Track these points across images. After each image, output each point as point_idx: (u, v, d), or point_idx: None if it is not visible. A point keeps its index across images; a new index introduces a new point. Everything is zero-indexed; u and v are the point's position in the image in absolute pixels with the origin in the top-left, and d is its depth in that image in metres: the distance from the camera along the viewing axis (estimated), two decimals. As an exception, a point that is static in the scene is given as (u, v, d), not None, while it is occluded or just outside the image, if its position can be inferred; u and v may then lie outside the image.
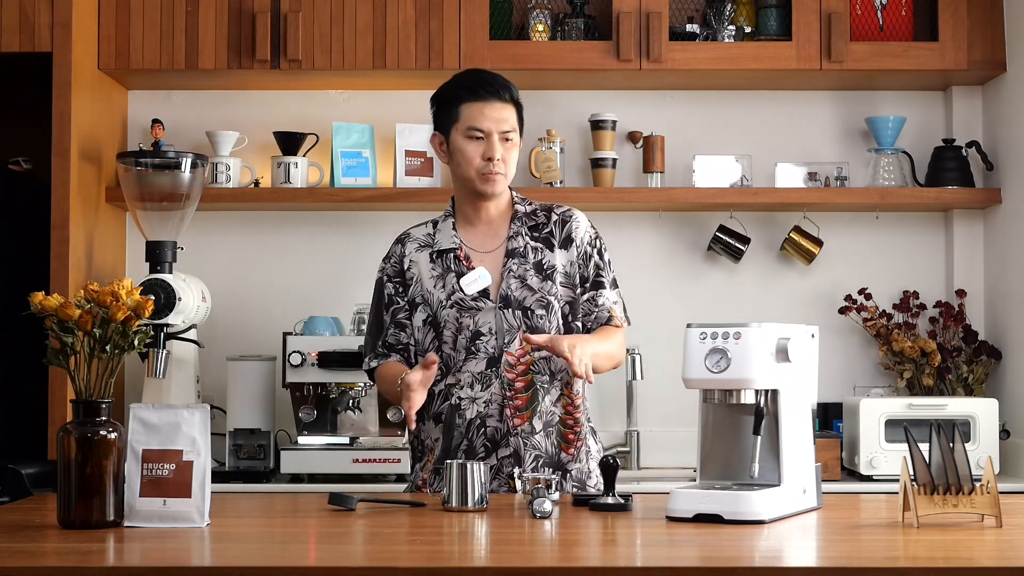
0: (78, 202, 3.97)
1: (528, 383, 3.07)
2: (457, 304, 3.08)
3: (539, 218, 3.18)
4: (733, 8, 4.27)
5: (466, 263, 3.11)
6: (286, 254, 4.41)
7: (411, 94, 4.35)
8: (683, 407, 3.50)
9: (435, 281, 3.12)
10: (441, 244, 3.14)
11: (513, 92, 3.13)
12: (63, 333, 2.47)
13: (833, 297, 4.37)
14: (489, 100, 3.09)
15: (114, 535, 2.39)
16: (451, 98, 3.13)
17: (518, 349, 3.07)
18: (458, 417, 3.06)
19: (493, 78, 3.14)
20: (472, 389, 3.07)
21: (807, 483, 2.66)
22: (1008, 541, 2.33)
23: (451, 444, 3.06)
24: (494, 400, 3.06)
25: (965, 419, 3.95)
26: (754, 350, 2.54)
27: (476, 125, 3.08)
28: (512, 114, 3.12)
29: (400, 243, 3.20)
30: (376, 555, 2.26)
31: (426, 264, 3.14)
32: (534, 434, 3.06)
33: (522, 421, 3.06)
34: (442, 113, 3.15)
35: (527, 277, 3.11)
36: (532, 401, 3.07)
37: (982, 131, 4.35)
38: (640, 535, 2.46)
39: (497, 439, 3.05)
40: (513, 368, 3.07)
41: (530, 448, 3.06)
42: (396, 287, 3.16)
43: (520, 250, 3.13)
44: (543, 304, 3.09)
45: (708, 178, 4.29)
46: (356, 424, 4.07)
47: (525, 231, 3.15)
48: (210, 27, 4.13)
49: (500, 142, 3.09)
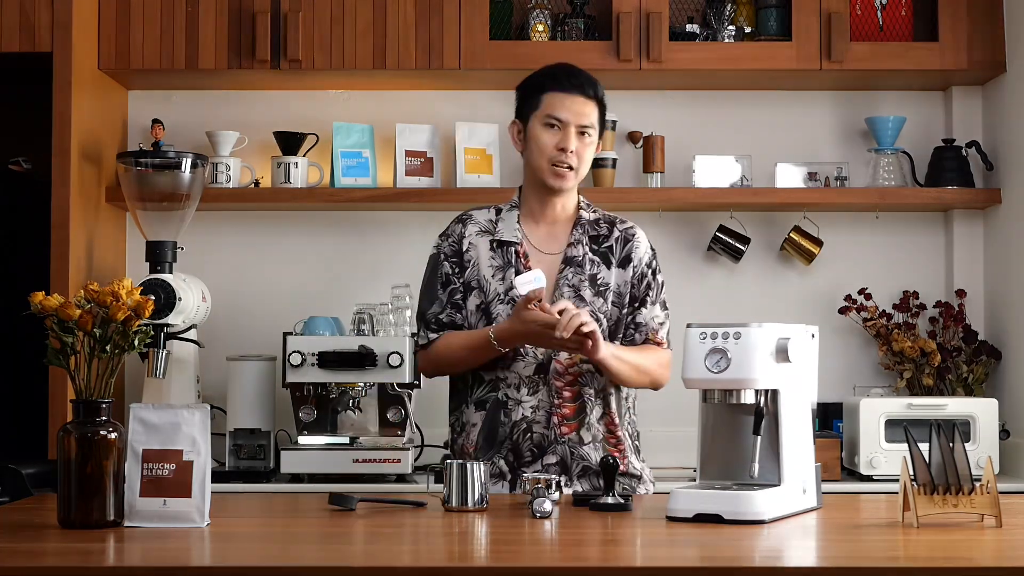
0: (78, 202, 3.97)
1: (576, 393, 3.05)
2: (513, 301, 3.04)
3: (601, 229, 3.14)
4: (733, 8, 4.27)
5: (524, 261, 3.08)
6: (286, 254, 4.41)
7: (411, 94, 4.35)
8: (683, 407, 3.50)
9: (494, 271, 3.08)
10: (503, 234, 3.10)
11: (599, 90, 3.10)
12: (63, 333, 2.47)
13: (833, 297, 4.37)
14: (572, 92, 3.06)
15: (114, 535, 2.39)
16: (535, 85, 3.10)
17: (567, 358, 3.04)
18: (504, 415, 3.04)
19: (580, 72, 3.11)
20: (519, 392, 3.04)
21: (807, 483, 2.66)
22: (1008, 541, 2.33)
23: (495, 440, 2.99)
24: (542, 407, 3.03)
25: (965, 419, 3.95)
26: (754, 350, 2.54)
27: (555, 114, 3.05)
28: (594, 111, 3.08)
29: (461, 223, 3.15)
30: (376, 555, 2.26)
31: (486, 250, 3.10)
32: (582, 445, 3.04)
33: (570, 430, 3.04)
34: (524, 101, 3.12)
35: (581, 288, 3.08)
36: (580, 412, 3.04)
37: (982, 131, 4.35)
38: (640, 535, 2.46)
39: (544, 446, 3.03)
40: (561, 376, 3.04)
41: (577, 458, 3.03)
42: (453, 267, 3.11)
43: (578, 259, 3.10)
44: (594, 319, 3.02)
45: (708, 178, 4.29)
46: (356, 424, 4.07)
47: (586, 240, 3.12)
48: (210, 27, 4.13)
49: (576, 135, 3.05)
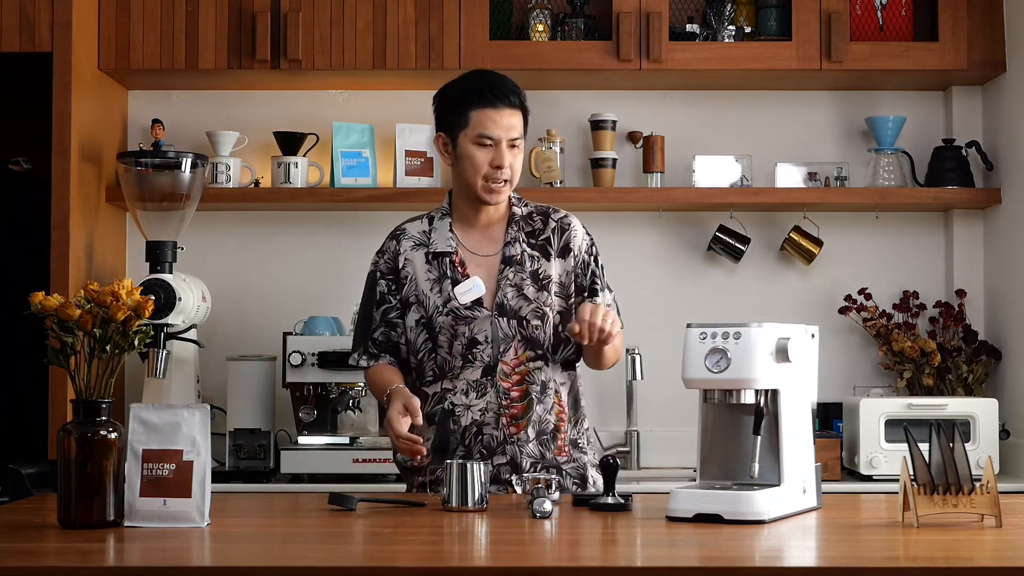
0: (78, 202, 3.97)
1: (524, 392, 3.07)
2: (453, 312, 3.06)
3: (536, 223, 3.14)
4: (733, 8, 4.27)
5: (461, 270, 3.09)
6: (286, 254, 4.41)
7: (411, 94, 4.35)
8: (683, 407, 3.51)
9: (431, 284, 3.09)
10: (437, 246, 3.11)
11: (521, 97, 3.10)
12: (63, 333, 2.47)
13: (833, 297, 4.37)
14: (499, 107, 3.05)
15: (114, 535, 2.39)
16: (460, 102, 3.08)
17: (513, 358, 3.06)
18: (452, 423, 3.06)
19: (502, 82, 3.09)
20: (467, 396, 3.06)
21: (807, 483, 2.66)
22: (1008, 541, 2.33)
23: (447, 448, 3.05)
24: (490, 408, 3.05)
25: (965, 419, 3.95)
26: (754, 350, 2.54)
27: (487, 133, 3.04)
28: (520, 120, 3.08)
29: (395, 239, 3.15)
30: (376, 555, 2.26)
31: (421, 264, 3.10)
32: (529, 442, 3.06)
33: (518, 429, 3.06)
34: (449, 115, 3.10)
35: (523, 286, 3.08)
36: (528, 410, 3.07)
37: (982, 131, 4.35)
38: (640, 535, 2.46)
39: (493, 447, 3.05)
40: (508, 377, 3.06)
41: (525, 456, 3.06)
42: (389, 284, 3.12)
43: (517, 257, 3.10)
44: (539, 315, 3.07)
45: (708, 178, 4.29)
46: (356, 424, 4.08)
47: (522, 237, 3.12)
48: (210, 27, 4.13)
49: (508, 149, 3.05)
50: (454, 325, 3.05)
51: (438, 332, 3.07)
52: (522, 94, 3.11)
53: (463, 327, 3.05)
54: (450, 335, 3.06)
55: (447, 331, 3.06)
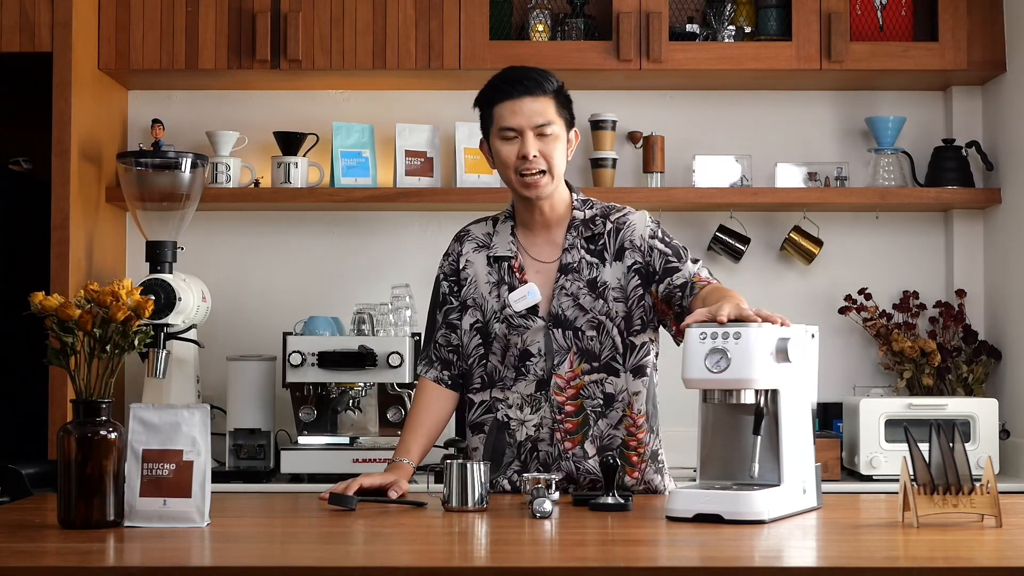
0: (78, 202, 3.97)
1: (578, 407, 2.96)
2: (507, 320, 2.96)
3: (596, 227, 3.00)
4: (733, 8, 4.27)
5: (520, 275, 2.99)
6: (286, 254, 4.41)
7: (411, 94, 4.35)
8: (683, 407, 3.50)
9: (491, 288, 2.99)
10: (497, 249, 3.01)
11: (550, 83, 2.97)
12: (63, 333, 2.47)
13: (833, 297, 4.37)
14: (518, 97, 2.93)
15: (114, 535, 2.39)
16: (483, 101, 2.99)
17: (568, 372, 2.95)
18: (508, 436, 2.98)
19: (524, 73, 2.98)
20: (522, 411, 2.97)
21: (807, 483, 2.66)
22: (1008, 541, 2.33)
23: (500, 461, 2.98)
24: (544, 424, 2.96)
25: (965, 419, 3.95)
26: (754, 350, 2.53)
27: (506, 124, 2.94)
28: (548, 106, 2.95)
29: (459, 241, 3.07)
30: (376, 555, 2.26)
31: (483, 267, 3.01)
32: (587, 458, 2.96)
33: (573, 445, 2.96)
34: (481, 119, 3.01)
35: (580, 296, 2.96)
36: (583, 425, 2.96)
37: (982, 131, 4.35)
38: (640, 535, 2.46)
39: (549, 463, 2.96)
40: (562, 391, 2.96)
41: (583, 472, 2.97)
42: (451, 286, 3.04)
43: (574, 265, 2.97)
44: (594, 325, 2.95)
45: (708, 178, 4.29)
46: (356, 424, 4.08)
47: (581, 242, 2.99)
48: (210, 27, 4.13)
49: (535, 138, 2.93)
50: (507, 334, 2.96)
51: (492, 338, 2.97)
52: (551, 80, 2.99)
53: (515, 337, 2.95)
54: (503, 344, 2.97)
55: (501, 339, 2.97)
